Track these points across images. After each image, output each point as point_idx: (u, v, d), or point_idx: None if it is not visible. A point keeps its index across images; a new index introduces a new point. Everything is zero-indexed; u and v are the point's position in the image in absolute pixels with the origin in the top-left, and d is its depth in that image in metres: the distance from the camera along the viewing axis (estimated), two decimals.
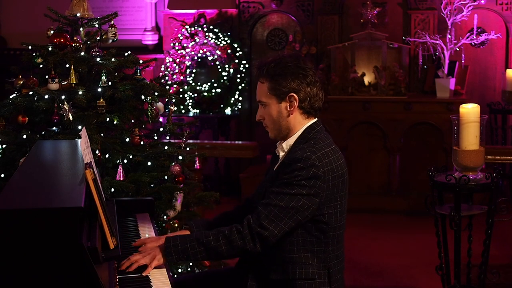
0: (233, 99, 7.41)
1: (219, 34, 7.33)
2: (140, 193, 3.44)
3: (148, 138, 3.80)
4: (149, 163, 3.56)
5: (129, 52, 3.80)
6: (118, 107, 3.55)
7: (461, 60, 6.73)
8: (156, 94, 3.60)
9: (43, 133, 3.54)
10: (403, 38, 6.92)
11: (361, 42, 6.87)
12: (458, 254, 3.71)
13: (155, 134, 3.85)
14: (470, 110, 3.68)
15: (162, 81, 4.20)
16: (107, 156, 3.45)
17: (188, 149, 3.85)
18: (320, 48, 7.19)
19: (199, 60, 7.51)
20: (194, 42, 7.33)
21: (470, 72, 6.97)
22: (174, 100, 3.85)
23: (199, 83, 7.48)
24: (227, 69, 7.37)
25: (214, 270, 3.50)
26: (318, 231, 2.57)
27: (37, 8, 7.39)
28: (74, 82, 3.46)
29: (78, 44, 3.62)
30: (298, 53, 7.02)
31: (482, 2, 6.77)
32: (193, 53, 7.38)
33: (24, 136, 3.45)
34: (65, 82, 3.50)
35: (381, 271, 4.98)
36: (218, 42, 7.31)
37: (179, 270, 3.80)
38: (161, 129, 3.83)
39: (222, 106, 7.42)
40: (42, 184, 2.35)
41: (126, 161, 3.49)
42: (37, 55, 3.61)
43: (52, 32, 3.62)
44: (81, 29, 3.69)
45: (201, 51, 7.37)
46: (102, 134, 3.45)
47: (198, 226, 2.83)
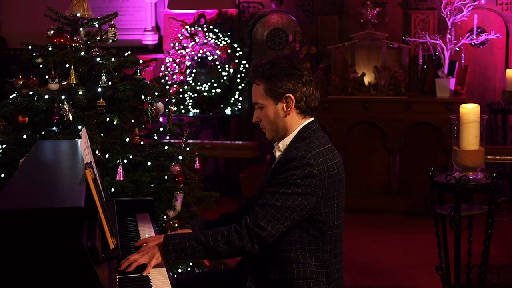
0: (233, 99, 7.40)
1: (219, 34, 7.33)
2: (140, 193, 3.44)
3: (148, 138, 3.80)
4: (149, 163, 3.56)
5: (129, 52, 3.80)
6: (118, 107, 3.55)
7: (461, 60, 6.73)
8: (156, 94, 3.60)
9: (43, 133, 3.54)
10: (403, 38, 6.92)
11: (361, 42, 6.86)
12: (458, 254, 3.71)
13: (155, 134, 3.85)
14: (470, 110, 3.68)
15: (162, 81, 4.20)
16: (107, 156, 3.45)
17: (188, 149, 3.85)
18: (320, 48, 7.19)
19: (199, 60, 7.50)
20: (194, 42, 7.33)
21: (470, 72, 6.97)
22: (174, 100, 3.85)
23: (199, 83, 7.48)
24: (227, 69, 7.37)
25: (214, 270, 3.50)
26: (316, 230, 2.58)
27: (37, 8, 7.39)
28: (74, 82, 3.46)
29: (78, 44, 3.62)
30: (297, 53, 7.02)
31: (482, 2, 6.77)
32: (193, 53, 7.37)
33: (24, 136, 3.45)
34: (65, 82, 3.50)
35: (381, 271, 4.98)
36: (218, 42, 7.30)
37: (179, 270, 3.80)
38: (161, 129, 3.82)
39: (222, 106, 7.42)
40: (42, 184, 2.34)
41: (126, 161, 3.49)
42: (37, 55, 3.61)
43: (52, 32, 3.62)
44: (81, 29, 3.69)
45: (201, 51, 7.37)
46: (102, 134, 3.45)
47: (199, 225, 2.83)
